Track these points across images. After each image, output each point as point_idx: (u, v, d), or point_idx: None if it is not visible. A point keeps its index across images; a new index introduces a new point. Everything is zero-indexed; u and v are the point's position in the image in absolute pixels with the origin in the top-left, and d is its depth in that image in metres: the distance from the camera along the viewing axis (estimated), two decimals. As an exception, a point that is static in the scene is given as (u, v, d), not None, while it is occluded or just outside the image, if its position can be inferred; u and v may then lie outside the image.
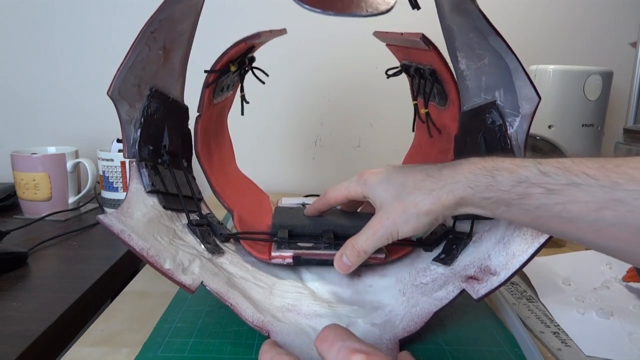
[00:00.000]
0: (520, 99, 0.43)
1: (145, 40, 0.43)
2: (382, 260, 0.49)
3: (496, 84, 0.45)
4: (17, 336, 0.41)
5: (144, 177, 0.45)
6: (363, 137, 1.00)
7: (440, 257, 0.46)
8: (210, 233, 0.49)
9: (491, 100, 0.45)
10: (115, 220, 0.39)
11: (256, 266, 0.48)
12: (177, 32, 0.47)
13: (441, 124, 0.60)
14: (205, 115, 0.56)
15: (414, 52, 0.59)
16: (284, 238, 0.49)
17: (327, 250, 0.49)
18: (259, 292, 0.44)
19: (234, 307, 0.40)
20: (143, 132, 0.46)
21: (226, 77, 0.57)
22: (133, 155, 0.45)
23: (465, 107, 0.49)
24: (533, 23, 0.95)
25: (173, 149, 0.49)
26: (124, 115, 0.44)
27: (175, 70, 0.49)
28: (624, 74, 0.88)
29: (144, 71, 0.45)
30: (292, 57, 0.95)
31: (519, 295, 0.51)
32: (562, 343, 0.42)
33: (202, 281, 0.40)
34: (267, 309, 0.42)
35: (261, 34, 0.54)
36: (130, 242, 0.39)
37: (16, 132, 0.98)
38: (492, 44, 0.43)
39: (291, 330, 0.40)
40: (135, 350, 0.39)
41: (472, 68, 0.47)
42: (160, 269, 0.39)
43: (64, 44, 0.95)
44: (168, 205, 0.46)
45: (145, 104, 0.46)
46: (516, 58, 0.42)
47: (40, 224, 0.71)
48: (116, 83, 0.43)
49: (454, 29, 0.46)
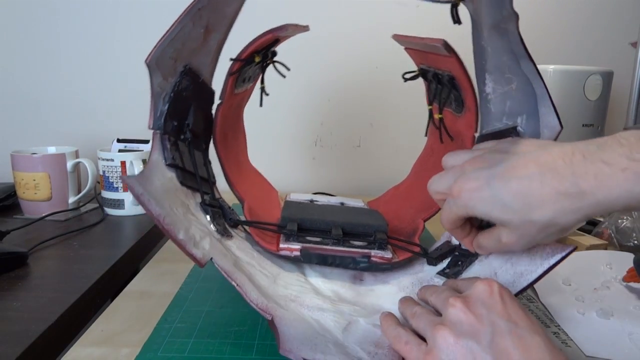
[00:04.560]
0: (542, 126, 0.42)
1: (192, 15, 0.44)
2: (389, 260, 0.48)
3: (520, 109, 0.44)
4: (17, 336, 0.41)
5: (166, 150, 0.46)
6: (363, 137, 1.00)
7: (445, 271, 0.46)
8: (221, 215, 0.49)
9: (512, 126, 0.45)
10: (137, 183, 0.40)
11: (262, 255, 0.49)
12: (222, 14, 0.48)
13: (456, 130, 0.59)
14: (227, 104, 0.56)
15: (433, 57, 0.58)
16: (293, 230, 0.50)
17: (334, 246, 0.48)
18: (263, 279, 0.44)
19: (240, 288, 0.40)
20: (171, 106, 0.46)
21: (249, 67, 0.57)
22: (158, 127, 0.46)
23: (485, 131, 0.48)
24: (533, 23, 0.95)
25: (195, 129, 0.50)
26: (156, 86, 0.45)
27: (211, 52, 0.50)
28: (624, 74, 0.88)
29: (183, 46, 0.46)
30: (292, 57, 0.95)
31: (519, 296, 0.51)
32: (563, 343, 0.42)
33: (212, 258, 0.40)
34: (271, 295, 0.42)
35: (288, 26, 0.54)
36: (149, 205, 0.39)
37: (16, 132, 0.98)
38: (523, 69, 0.42)
39: (294, 318, 0.40)
40: (135, 350, 0.39)
41: (499, 92, 0.46)
42: (175, 238, 0.39)
43: (64, 44, 0.95)
44: (184, 182, 0.47)
45: (178, 79, 0.47)
46: (544, 84, 0.41)
47: (40, 224, 0.71)
48: (156, 53, 0.43)
49: (488, 50, 0.45)
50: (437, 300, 0.36)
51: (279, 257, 0.49)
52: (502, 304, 0.32)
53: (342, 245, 0.49)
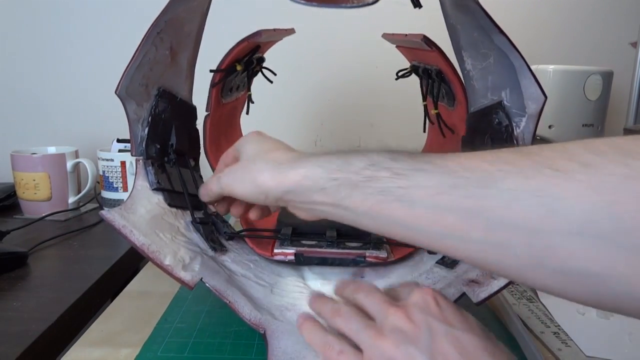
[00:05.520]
0: (526, 98, 0.42)
1: (152, 40, 0.44)
2: (385, 259, 0.49)
3: (502, 83, 0.44)
4: (17, 336, 0.41)
5: (150, 175, 0.46)
6: (363, 137, 1.00)
7: (443, 260, 0.46)
8: (214, 231, 0.49)
9: (497, 101, 0.45)
10: (118, 216, 0.40)
11: (259, 264, 0.48)
12: (184, 33, 0.47)
13: (451, 124, 0.59)
14: (215, 114, 0.56)
15: (420, 53, 0.59)
16: (287, 235, 0.50)
17: (329, 248, 0.49)
18: (259, 290, 0.44)
19: (232, 305, 0.40)
20: (150, 130, 0.46)
21: (235, 77, 0.57)
22: (140, 154, 0.46)
23: (473, 109, 0.49)
24: (533, 23, 0.95)
25: (180, 148, 0.50)
26: (131, 114, 0.44)
27: (183, 70, 0.50)
28: (624, 74, 0.88)
29: (152, 71, 0.45)
30: (292, 57, 0.95)
31: (519, 296, 0.51)
32: (563, 343, 0.42)
33: (202, 278, 0.40)
34: (265, 307, 0.42)
35: (262, 32, 0.53)
36: (131, 237, 0.39)
37: (16, 132, 0.98)
38: (496, 43, 0.42)
39: (287, 329, 0.40)
40: (135, 350, 0.39)
41: (478, 68, 0.47)
42: (160, 264, 0.39)
43: (64, 44, 0.95)
44: (173, 203, 0.46)
45: (153, 103, 0.46)
46: (521, 56, 0.41)
47: (40, 224, 0.71)
48: (124, 82, 0.43)
49: (458, 28, 0.46)
50: (370, 305, 0.35)
51: (277, 265, 0.49)
52: (437, 308, 0.32)
53: (337, 247, 0.49)
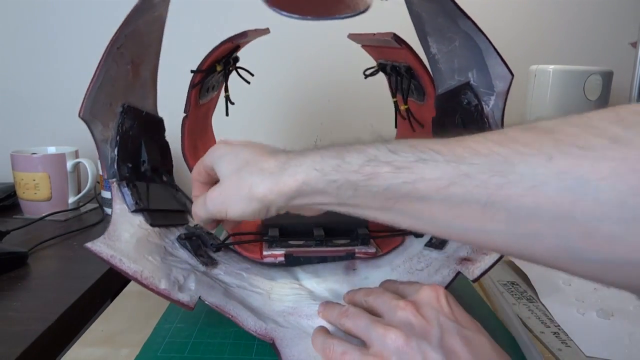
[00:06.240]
0: (494, 77, 0.43)
1: (112, 56, 0.42)
2: (373, 254, 0.49)
3: (468, 65, 0.45)
4: (17, 336, 0.41)
5: (127, 197, 0.44)
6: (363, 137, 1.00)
7: (432, 242, 0.46)
8: (201, 245, 0.48)
9: (465, 82, 0.46)
10: (104, 246, 0.38)
11: (251, 272, 0.48)
12: (144, 45, 0.46)
13: (421, 118, 0.60)
14: (192, 116, 0.55)
15: (388, 51, 0.59)
16: (275, 237, 0.50)
17: (318, 247, 0.49)
18: (257, 299, 0.44)
19: (235, 319, 0.39)
20: (120, 150, 0.44)
21: (211, 77, 0.56)
22: (113, 175, 0.44)
23: (440, 91, 0.49)
24: (533, 23, 0.95)
25: (152, 162, 0.48)
26: (98, 135, 0.43)
27: (146, 83, 0.48)
28: (624, 74, 0.88)
29: (114, 88, 0.44)
30: (292, 58, 0.95)
31: (519, 296, 0.51)
32: (563, 343, 0.42)
33: (200, 296, 0.40)
34: (268, 315, 0.42)
35: (247, 33, 0.54)
36: (122, 266, 0.38)
37: (16, 132, 0.98)
38: (461, 27, 0.43)
39: (295, 334, 0.40)
40: (135, 351, 0.39)
41: (444, 52, 0.47)
42: (156, 289, 0.38)
43: (64, 44, 0.95)
44: (155, 222, 0.44)
45: (119, 121, 0.45)
46: (486, 38, 0.42)
47: (40, 224, 0.71)
48: (87, 104, 0.41)
49: (422, 15, 0.47)
50: (380, 304, 0.36)
51: (269, 268, 0.49)
52: (448, 307, 0.33)
53: (326, 246, 0.49)
